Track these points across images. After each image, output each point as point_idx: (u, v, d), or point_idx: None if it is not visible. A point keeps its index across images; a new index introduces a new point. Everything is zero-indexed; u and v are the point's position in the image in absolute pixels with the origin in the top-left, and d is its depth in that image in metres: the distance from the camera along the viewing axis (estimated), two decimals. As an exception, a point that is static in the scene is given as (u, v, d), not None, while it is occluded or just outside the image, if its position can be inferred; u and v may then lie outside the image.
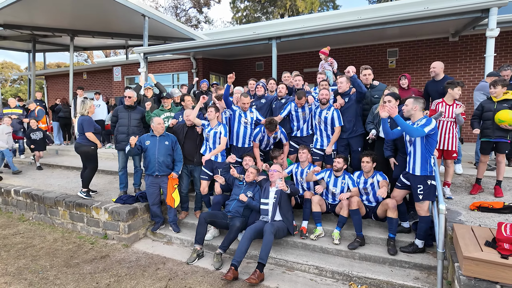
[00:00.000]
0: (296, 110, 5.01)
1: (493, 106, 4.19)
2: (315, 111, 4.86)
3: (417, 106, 3.61)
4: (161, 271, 3.89)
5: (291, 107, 5.05)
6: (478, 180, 4.47)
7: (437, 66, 4.97)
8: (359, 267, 3.68)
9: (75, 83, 11.99)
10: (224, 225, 4.30)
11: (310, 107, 4.97)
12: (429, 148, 3.53)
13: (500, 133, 4.14)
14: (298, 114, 5.02)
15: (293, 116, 5.09)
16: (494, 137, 4.20)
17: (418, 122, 3.58)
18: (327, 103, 4.71)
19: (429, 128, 3.45)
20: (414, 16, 6.07)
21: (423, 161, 3.55)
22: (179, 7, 29.43)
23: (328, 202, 4.42)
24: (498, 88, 4.15)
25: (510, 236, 2.60)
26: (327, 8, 26.62)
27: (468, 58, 9.09)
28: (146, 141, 4.65)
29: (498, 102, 4.18)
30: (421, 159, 3.56)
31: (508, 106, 4.08)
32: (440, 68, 4.97)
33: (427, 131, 3.45)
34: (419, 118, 3.60)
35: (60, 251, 4.45)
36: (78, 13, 9.36)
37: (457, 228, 3.12)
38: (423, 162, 3.55)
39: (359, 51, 10.34)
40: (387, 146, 4.24)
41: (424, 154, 3.54)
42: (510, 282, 2.43)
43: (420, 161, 3.56)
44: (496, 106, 4.17)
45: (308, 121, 5.04)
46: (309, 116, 5.01)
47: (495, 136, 4.19)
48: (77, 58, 30.34)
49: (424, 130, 3.44)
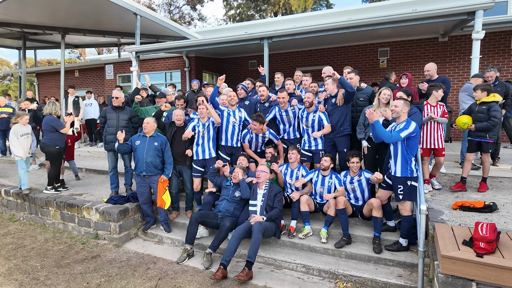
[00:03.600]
0: (280, 113, 5.08)
1: (475, 108, 4.37)
2: (302, 114, 4.91)
3: (407, 108, 3.71)
4: (152, 270, 3.95)
5: (276, 111, 5.12)
6: (463, 178, 4.60)
7: (431, 68, 5.07)
8: (345, 265, 3.78)
9: (66, 81, 11.91)
10: (215, 225, 4.36)
11: (294, 111, 5.00)
12: (410, 150, 3.62)
13: (479, 133, 4.32)
14: (283, 117, 5.09)
15: (279, 119, 5.17)
16: (474, 136, 4.40)
17: (399, 125, 3.67)
18: (312, 105, 4.76)
19: (406, 132, 3.54)
20: (403, 18, 6.16)
21: (403, 162, 3.65)
22: (172, 4, 29.24)
23: (316, 202, 4.51)
24: (478, 92, 4.34)
25: (486, 235, 2.71)
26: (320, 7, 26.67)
27: (457, 58, 9.25)
28: (136, 141, 4.69)
29: (479, 104, 4.36)
30: (401, 160, 3.66)
31: (487, 108, 4.26)
32: (434, 69, 5.07)
33: (404, 136, 3.54)
34: (403, 120, 3.69)
35: (51, 252, 4.47)
36: (69, 11, 9.28)
37: (438, 228, 3.22)
38: (403, 163, 3.65)
39: (351, 50, 10.43)
40: (360, 130, 4.45)
41: (405, 155, 3.64)
42: (484, 280, 2.54)
43: (401, 162, 3.67)
44: (477, 108, 4.34)
45: (294, 124, 5.09)
46: (294, 119, 5.06)
47: (475, 136, 4.38)
48: (69, 55, 30.03)
49: (400, 135, 3.54)
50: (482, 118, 4.29)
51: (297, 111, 5.00)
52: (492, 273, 2.50)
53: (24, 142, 5.50)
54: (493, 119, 4.21)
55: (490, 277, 2.52)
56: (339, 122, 4.72)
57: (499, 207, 3.84)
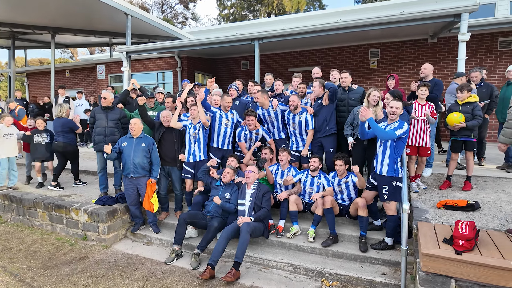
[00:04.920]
0: (263, 114, 5.12)
1: (458, 108, 4.45)
2: (288, 116, 4.94)
3: (402, 111, 3.80)
4: (139, 271, 3.96)
5: (259, 111, 5.15)
6: (448, 176, 4.70)
7: (428, 68, 5.15)
8: (331, 264, 3.83)
9: (57, 81, 11.82)
10: (203, 225, 4.38)
11: (275, 112, 5.02)
12: (397, 151, 3.69)
13: (465, 133, 4.41)
14: (265, 117, 5.13)
15: (262, 119, 5.20)
16: (460, 136, 4.48)
17: (392, 124, 3.74)
18: (297, 108, 4.79)
19: (401, 131, 3.61)
20: (393, 20, 6.26)
21: (391, 162, 3.71)
22: (165, 3, 29.12)
23: (305, 201, 4.56)
24: (464, 93, 4.41)
25: (465, 234, 2.77)
26: (314, 7, 26.80)
27: (446, 59, 9.39)
28: (123, 143, 4.68)
29: (462, 104, 4.45)
30: (388, 160, 3.72)
31: (471, 108, 4.36)
32: (431, 70, 5.16)
33: (399, 134, 3.61)
34: (395, 120, 3.75)
35: (39, 253, 4.45)
36: (59, 11, 9.20)
37: (421, 226, 3.29)
38: (391, 163, 3.72)
39: (342, 51, 10.52)
40: (347, 127, 4.55)
41: (393, 156, 3.71)
42: (463, 277, 2.61)
43: (388, 162, 3.73)
44: (460, 108, 4.41)
45: (278, 125, 5.11)
46: (276, 120, 5.07)
47: (461, 135, 4.46)
48: (61, 55, 29.68)
49: (395, 133, 3.60)
50: (467, 117, 4.38)
51: (279, 112, 5.02)
52: (470, 270, 2.57)
53: (7, 142, 5.69)
54: (479, 118, 4.34)
55: (468, 274, 2.58)
56: (324, 122, 4.79)
57: (482, 206, 3.92)
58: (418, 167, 4.73)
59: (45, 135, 5.96)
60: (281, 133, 5.16)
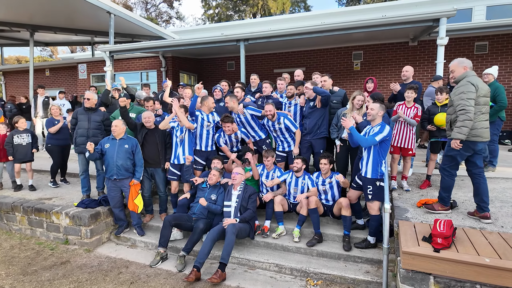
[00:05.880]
0: (235, 118, 5.10)
1: (438, 110, 4.60)
2: (268, 124, 4.97)
3: (382, 112, 3.87)
4: (124, 275, 3.90)
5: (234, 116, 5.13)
6: (428, 176, 4.86)
7: (410, 70, 5.30)
8: (316, 263, 3.89)
9: (36, 80, 11.44)
10: (189, 228, 4.36)
11: (245, 117, 5.03)
12: (381, 153, 3.79)
13: (445, 134, 4.53)
14: (238, 121, 5.14)
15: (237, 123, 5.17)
16: (440, 137, 4.64)
17: (374, 128, 3.83)
18: (274, 116, 4.79)
19: (381, 136, 3.70)
20: (375, 23, 6.43)
21: (375, 165, 3.82)
22: (149, 2, 28.69)
23: (290, 202, 4.61)
24: (444, 95, 4.57)
25: (443, 232, 2.88)
26: (299, 9, 27.05)
27: (426, 62, 9.70)
28: (106, 144, 4.60)
29: (441, 106, 4.60)
30: (372, 163, 3.83)
31: None
32: (412, 72, 5.31)
33: (379, 140, 3.70)
34: (378, 123, 3.85)
35: (17, 259, 4.31)
36: (38, 8, 8.91)
37: (402, 225, 3.39)
38: (375, 166, 3.82)
39: (327, 53, 10.69)
40: (332, 130, 4.68)
41: (376, 158, 3.81)
42: (440, 273, 2.71)
43: (372, 165, 3.83)
44: (440, 110, 4.57)
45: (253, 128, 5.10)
46: (248, 124, 5.08)
47: (441, 136, 4.62)
48: (40, 53, 28.74)
49: (375, 139, 3.70)
50: None
51: (249, 117, 5.01)
52: (447, 266, 2.67)
53: None
54: None
55: (445, 270, 2.68)
56: (316, 125, 4.84)
57: (459, 204, 4.07)
58: (404, 168, 4.82)
59: (26, 135, 5.73)
60: (260, 133, 5.16)
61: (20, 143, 5.66)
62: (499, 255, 2.66)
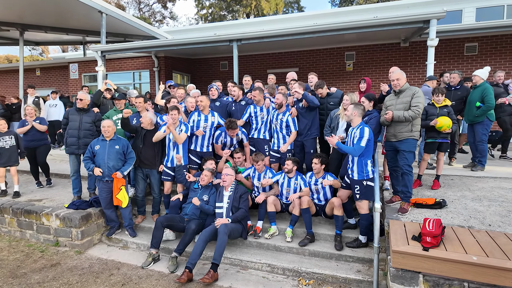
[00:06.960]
0: (255, 111, 5.15)
1: (436, 111, 4.65)
2: (273, 114, 5.02)
3: (356, 112, 3.89)
4: (115, 276, 3.87)
5: (251, 110, 5.18)
6: (419, 176, 4.92)
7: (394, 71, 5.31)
8: (308, 263, 3.91)
9: (26, 80, 11.28)
10: (181, 228, 4.34)
11: (268, 109, 5.12)
12: (366, 154, 3.83)
13: (444, 134, 4.64)
14: (257, 114, 5.16)
15: (253, 119, 5.22)
16: (439, 138, 4.67)
17: (355, 131, 3.86)
18: (281, 107, 4.87)
19: (364, 140, 3.75)
20: (367, 24, 6.49)
21: (359, 167, 3.88)
22: (142, 2, 28.50)
23: (283, 202, 4.63)
24: (440, 97, 4.65)
25: (432, 231, 2.92)
26: (292, 9, 27.14)
27: (417, 62, 9.81)
28: (96, 146, 4.55)
29: (440, 107, 4.66)
30: (357, 165, 3.89)
31: (447, 111, 4.60)
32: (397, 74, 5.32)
33: (364, 144, 3.75)
34: (357, 124, 3.88)
35: (6, 261, 4.24)
36: (28, 7, 8.78)
37: (392, 224, 3.43)
38: (359, 168, 3.88)
39: (319, 53, 10.74)
40: (326, 131, 4.72)
41: (360, 161, 3.87)
42: (429, 272, 2.75)
43: (357, 167, 3.89)
44: (438, 111, 4.62)
45: (266, 123, 5.17)
46: (267, 118, 5.14)
47: (440, 137, 4.66)
48: (30, 52, 28.32)
49: (361, 145, 3.75)
50: None
51: (271, 109, 5.09)
52: (436, 265, 2.71)
53: None
54: (455, 122, 4.67)
55: (434, 269, 2.72)
56: (306, 127, 4.90)
57: (448, 204, 4.13)
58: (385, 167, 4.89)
59: (9, 137, 5.42)
60: (266, 133, 5.19)
61: (3, 146, 5.36)
62: (486, 253, 2.71)
